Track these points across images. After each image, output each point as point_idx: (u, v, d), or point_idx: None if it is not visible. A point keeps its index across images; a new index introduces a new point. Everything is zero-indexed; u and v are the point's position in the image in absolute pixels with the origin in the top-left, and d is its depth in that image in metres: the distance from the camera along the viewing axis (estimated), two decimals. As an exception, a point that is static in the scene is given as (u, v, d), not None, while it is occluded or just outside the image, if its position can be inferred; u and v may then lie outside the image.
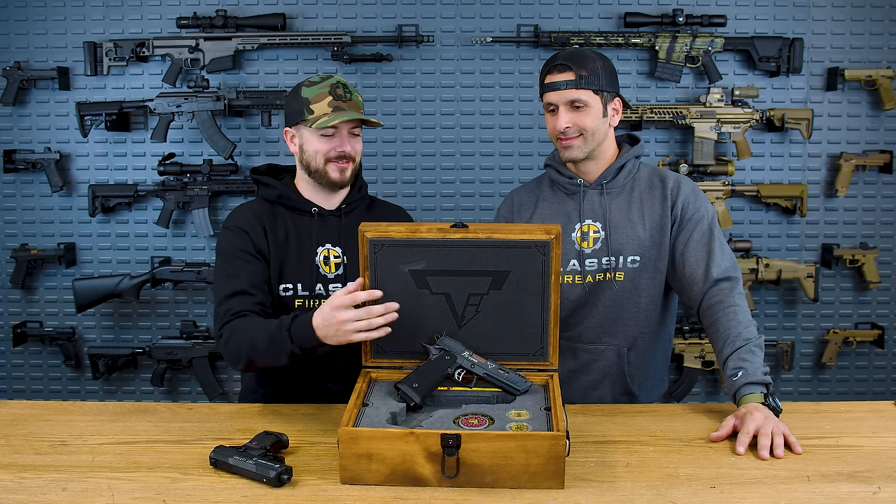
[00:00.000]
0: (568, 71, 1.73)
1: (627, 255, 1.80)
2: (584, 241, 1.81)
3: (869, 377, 3.02)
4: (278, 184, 1.83)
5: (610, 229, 1.80)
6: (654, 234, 1.79)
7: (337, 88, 1.74)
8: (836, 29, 2.83)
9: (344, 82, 1.77)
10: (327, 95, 1.73)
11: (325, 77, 1.77)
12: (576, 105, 1.74)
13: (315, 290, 1.79)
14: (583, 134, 1.75)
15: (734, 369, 1.56)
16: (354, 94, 1.78)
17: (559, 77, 1.74)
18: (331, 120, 1.71)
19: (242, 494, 1.27)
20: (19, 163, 2.87)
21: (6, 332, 2.98)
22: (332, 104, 1.73)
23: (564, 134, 1.75)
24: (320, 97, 1.73)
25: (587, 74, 1.73)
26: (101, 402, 1.73)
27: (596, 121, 1.76)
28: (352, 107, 1.75)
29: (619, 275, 1.80)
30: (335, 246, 1.81)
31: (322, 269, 1.79)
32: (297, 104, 1.76)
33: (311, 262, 1.79)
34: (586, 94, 1.73)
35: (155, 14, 2.84)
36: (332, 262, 1.80)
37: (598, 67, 1.74)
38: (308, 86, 1.76)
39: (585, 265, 1.81)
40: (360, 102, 1.79)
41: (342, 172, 1.78)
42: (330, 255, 1.80)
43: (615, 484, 1.30)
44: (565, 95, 1.73)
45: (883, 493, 1.27)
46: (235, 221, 1.79)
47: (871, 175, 2.90)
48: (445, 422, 1.40)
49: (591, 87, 1.73)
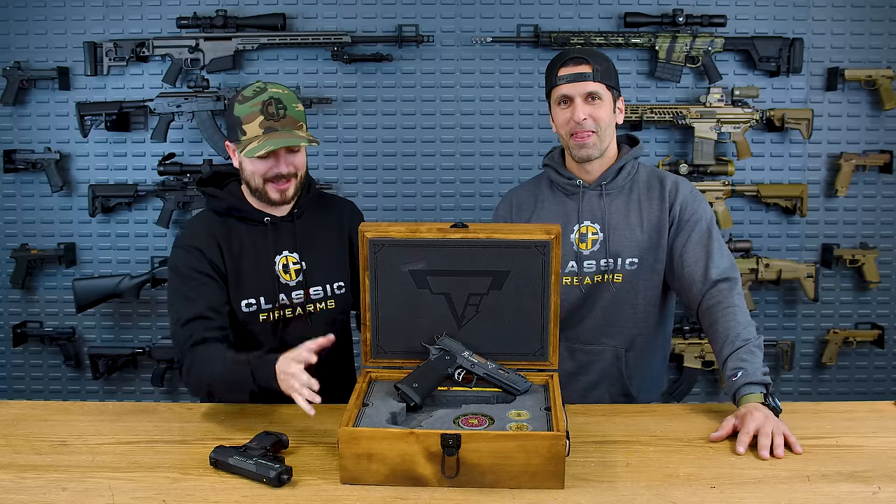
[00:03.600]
0: (584, 63, 1.73)
1: (626, 257, 1.79)
2: (582, 242, 1.81)
3: (869, 377, 3.02)
4: (226, 195, 1.75)
5: (608, 231, 1.79)
6: (653, 235, 1.79)
7: (269, 106, 1.63)
8: (836, 29, 2.83)
9: (278, 96, 1.65)
10: (258, 115, 1.63)
11: (258, 90, 1.65)
12: (592, 97, 1.73)
13: (278, 301, 1.74)
14: (597, 131, 1.74)
15: (734, 370, 1.56)
16: (290, 108, 1.66)
17: (577, 69, 1.73)
18: (258, 149, 1.61)
19: (242, 494, 1.27)
20: (19, 163, 2.87)
21: (6, 332, 2.98)
22: (264, 125, 1.63)
23: (581, 126, 1.73)
24: (252, 117, 1.63)
25: (602, 69, 1.73)
26: (101, 402, 1.73)
27: (609, 115, 1.76)
28: (286, 124, 1.64)
29: (617, 277, 1.80)
30: (292, 252, 1.75)
31: (282, 279, 1.74)
32: (231, 120, 1.67)
33: (270, 273, 1.73)
34: (601, 88, 1.73)
35: (155, 14, 2.84)
36: (291, 269, 1.75)
37: (609, 64, 1.77)
38: (241, 102, 1.65)
39: (583, 267, 1.81)
40: (297, 115, 1.67)
41: (282, 193, 1.70)
42: (289, 262, 1.75)
43: (615, 484, 1.30)
44: (583, 87, 1.73)
45: (883, 493, 1.27)
46: (188, 240, 1.72)
47: (871, 175, 2.90)
48: (445, 422, 1.40)
49: (605, 82, 1.74)
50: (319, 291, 1.78)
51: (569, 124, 1.75)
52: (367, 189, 2.91)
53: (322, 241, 1.80)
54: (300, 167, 1.71)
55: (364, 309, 1.56)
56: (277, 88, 1.67)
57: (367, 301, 1.55)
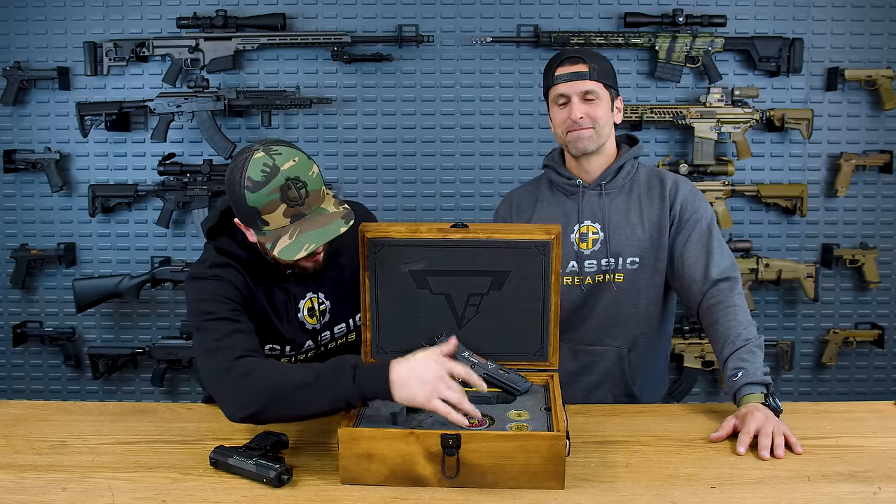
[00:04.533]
0: (581, 63, 1.74)
1: (626, 257, 1.79)
2: (582, 242, 1.81)
3: (869, 377, 3.02)
4: (243, 250, 1.54)
5: (609, 230, 1.79)
6: (653, 234, 1.79)
7: (288, 190, 1.38)
8: (836, 29, 2.83)
9: (294, 174, 1.38)
10: (280, 203, 1.38)
11: (267, 172, 1.37)
12: (588, 97, 1.74)
13: (303, 347, 1.63)
14: (594, 126, 1.75)
15: (734, 370, 1.56)
16: (309, 181, 1.40)
17: (573, 68, 1.74)
18: (296, 249, 1.39)
19: (242, 494, 1.27)
20: (19, 163, 2.87)
21: (6, 332, 2.98)
22: (289, 213, 1.39)
23: (578, 124, 1.74)
24: (272, 206, 1.38)
25: (598, 68, 1.74)
26: (101, 403, 1.72)
27: (606, 114, 1.77)
28: (312, 202, 1.41)
29: (619, 276, 1.80)
30: (317, 293, 1.62)
31: (308, 324, 1.61)
32: (246, 210, 1.41)
33: (295, 322, 1.60)
34: (598, 87, 1.74)
35: (155, 14, 2.84)
36: (317, 311, 1.62)
37: (606, 64, 1.77)
38: (252, 190, 1.38)
39: (584, 266, 1.81)
40: (317, 184, 1.42)
41: (316, 262, 1.55)
42: (314, 304, 1.62)
43: (615, 484, 1.30)
44: (579, 86, 1.73)
45: (883, 494, 1.27)
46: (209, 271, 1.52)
47: (871, 175, 2.90)
48: (445, 422, 1.40)
49: (602, 81, 1.75)
50: (343, 328, 1.69)
51: (566, 123, 1.76)
52: (367, 189, 2.91)
53: (345, 270, 1.65)
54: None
55: (364, 309, 1.56)
56: (288, 162, 1.39)
57: (368, 301, 1.55)
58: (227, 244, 1.55)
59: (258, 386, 1.34)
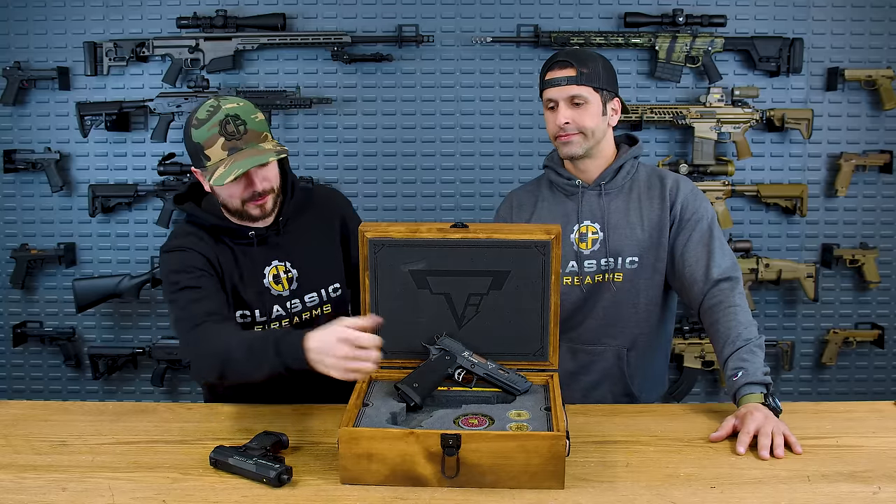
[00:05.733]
0: (569, 67, 1.72)
1: (626, 256, 1.79)
2: (582, 242, 1.80)
3: (869, 377, 3.02)
4: (207, 213, 1.67)
5: (608, 230, 1.79)
6: (653, 234, 1.79)
7: (227, 125, 1.53)
8: (836, 29, 2.83)
9: (234, 111, 1.55)
10: (218, 137, 1.53)
11: (212, 109, 1.55)
12: (576, 102, 1.72)
13: (273, 313, 1.69)
14: (582, 132, 1.74)
15: (734, 369, 1.56)
16: (250, 121, 1.56)
17: (560, 73, 1.73)
18: (226, 175, 1.52)
19: (242, 494, 1.27)
20: (19, 163, 2.87)
21: (6, 332, 2.98)
22: (226, 146, 1.54)
23: (564, 129, 1.74)
24: (212, 140, 1.54)
25: (588, 72, 1.72)
26: (101, 402, 1.72)
27: (595, 119, 1.75)
28: (249, 140, 1.55)
29: (618, 276, 1.80)
30: (282, 261, 1.70)
31: (274, 290, 1.68)
32: (192, 147, 1.58)
33: (260, 286, 1.67)
34: (587, 91, 1.72)
35: (155, 14, 2.84)
36: (283, 278, 1.69)
37: (598, 66, 1.74)
38: (196, 126, 1.55)
39: (584, 266, 1.80)
40: (258, 126, 1.57)
41: (262, 208, 1.62)
42: (280, 272, 1.69)
43: (615, 484, 1.30)
44: (566, 91, 1.72)
45: (883, 493, 1.27)
46: (178, 242, 1.64)
47: (871, 175, 2.90)
48: (445, 422, 1.40)
49: (591, 84, 1.72)
50: (314, 298, 1.74)
51: (555, 127, 1.76)
52: (367, 189, 2.91)
53: (313, 243, 1.75)
54: (273, 180, 1.63)
55: (364, 309, 1.56)
56: (231, 103, 1.56)
57: (367, 301, 1.55)
58: (191, 208, 1.68)
59: (208, 357, 1.50)
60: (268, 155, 1.55)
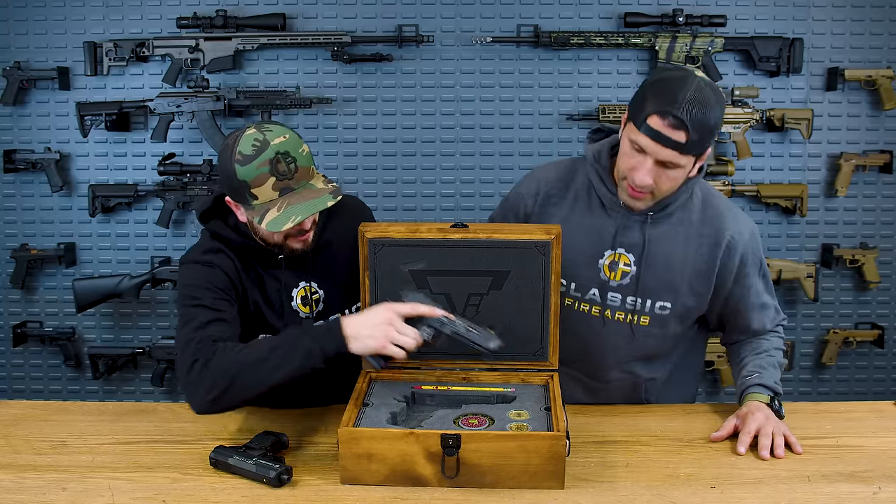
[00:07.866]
0: (682, 130, 1.42)
1: (657, 300, 1.61)
2: (611, 271, 1.61)
3: (869, 377, 3.02)
4: (235, 234, 1.56)
5: (644, 267, 1.59)
6: (693, 282, 1.60)
7: (277, 164, 1.41)
8: (836, 29, 2.83)
9: (283, 147, 1.42)
10: (269, 177, 1.41)
11: (257, 146, 1.41)
12: (667, 165, 1.48)
13: None
14: (653, 192, 1.53)
15: (751, 371, 1.58)
16: (299, 157, 1.44)
17: (669, 132, 1.43)
18: (283, 220, 1.41)
19: (242, 494, 1.27)
20: (19, 163, 2.87)
21: (6, 332, 2.98)
22: (278, 186, 1.42)
23: (639, 186, 1.51)
24: (261, 179, 1.41)
25: (697, 139, 1.43)
26: (101, 403, 1.73)
27: (676, 182, 1.53)
28: (301, 177, 1.44)
29: (644, 319, 1.62)
30: (310, 282, 1.62)
31: (301, 313, 1.61)
32: (236, 184, 1.43)
33: (288, 309, 1.60)
34: (685, 160, 1.47)
35: (155, 14, 2.84)
36: (311, 299, 1.61)
37: (711, 126, 1.44)
38: (242, 164, 1.41)
39: (608, 299, 1.63)
40: (307, 161, 1.46)
41: (305, 242, 1.55)
42: (308, 294, 1.61)
43: (615, 484, 1.30)
44: (664, 153, 1.45)
45: (883, 493, 1.27)
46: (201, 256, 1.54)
47: (871, 175, 2.90)
48: (445, 422, 1.40)
49: (693, 153, 1.47)
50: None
51: (631, 173, 1.51)
52: (367, 189, 2.91)
53: (340, 262, 1.65)
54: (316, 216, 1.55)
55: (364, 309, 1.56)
56: (278, 137, 1.43)
57: (368, 301, 1.55)
58: (219, 227, 1.56)
59: (221, 368, 1.37)
60: (325, 199, 1.45)
